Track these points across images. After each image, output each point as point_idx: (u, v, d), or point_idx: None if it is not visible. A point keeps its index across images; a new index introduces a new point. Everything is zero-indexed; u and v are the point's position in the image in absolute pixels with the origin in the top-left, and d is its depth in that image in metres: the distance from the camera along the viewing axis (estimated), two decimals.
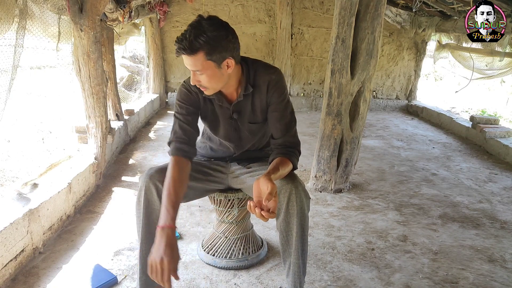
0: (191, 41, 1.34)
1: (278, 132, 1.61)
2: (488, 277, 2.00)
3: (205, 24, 1.36)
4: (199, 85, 1.47)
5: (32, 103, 5.26)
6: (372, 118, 6.00)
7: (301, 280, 1.58)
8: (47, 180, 2.44)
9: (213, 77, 1.44)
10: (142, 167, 3.49)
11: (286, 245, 1.57)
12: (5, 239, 1.75)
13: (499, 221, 2.65)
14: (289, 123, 1.61)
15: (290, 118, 1.63)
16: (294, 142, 1.61)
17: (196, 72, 1.42)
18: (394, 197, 3.01)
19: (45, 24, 2.52)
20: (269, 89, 1.58)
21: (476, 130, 4.63)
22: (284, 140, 1.60)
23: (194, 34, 1.34)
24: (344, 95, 2.82)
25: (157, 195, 1.53)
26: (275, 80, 1.57)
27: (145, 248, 1.55)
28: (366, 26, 2.69)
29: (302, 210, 1.50)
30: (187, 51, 1.36)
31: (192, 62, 1.38)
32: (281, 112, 1.60)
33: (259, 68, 1.59)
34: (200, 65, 1.39)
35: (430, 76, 10.43)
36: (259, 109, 1.64)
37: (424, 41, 6.45)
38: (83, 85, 2.80)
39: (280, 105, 1.60)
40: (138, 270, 1.58)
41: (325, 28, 6.22)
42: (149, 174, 1.55)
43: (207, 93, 1.51)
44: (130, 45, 8.17)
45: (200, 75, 1.43)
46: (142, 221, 1.55)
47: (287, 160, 1.53)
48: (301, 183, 1.54)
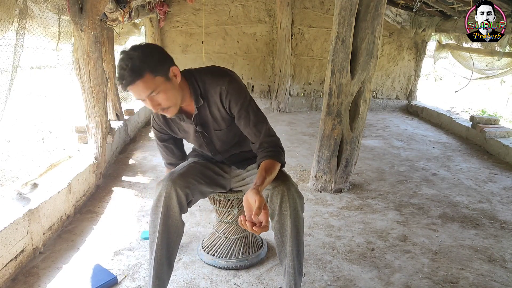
0: (131, 68, 1.31)
1: (253, 136, 1.58)
2: (488, 277, 2.01)
3: (131, 52, 1.35)
4: (161, 108, 1.44)
5: (32, 103, 5.26)
6: (372, 118, 6.00)
7: (296, 281, 1.58)
8: (47, 180, 2.44)
9: (168, 91, 1.41)
10: (142, 167, 3.49)
11: (281, 246, 1.57)
12: (5, 239, 1.75)
13: (498, 221, 2.65)
14: (258, 124, 1.56)
15: (257, 118, 1.56)
16: (272, 141, 1.58)
17: (152, 95, 1.38)
18: (394, 197, 3.02)
19: (45, 24, 2.52)
20: (222, 100, 1.53)
21: (476, 130, 4.63)
22: (261, 142, 1.57)
23: (130, 62, 1.32)
24: (344, 95, 2.82)
25: (177, 201, 1.53)
26: (225, 90, 1.50)
27: (161, 254, 1.55)
28: (366, 26, 2.69)
29: (296, 211, 1.50)
30: (134, 77, 1.32)
31: (144, 86, 1.35)
32: (245, 117, 1.55)
33: (207, 79, 1.53)
34: (152, 85, 1.36)
35: (430, 76, 10.43)
36: (220, 117, 1.60)
37: (424, 41, 6.44)
38: (83, 85, 2.80)
39: (241, 112, 1.54)
40: (151, 275, 1.56)
41: (326, 28, 6.22)
42: (172, 179, 1.53)
43: (171, 113, 1.48)
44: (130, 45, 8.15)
45: (156, 95, 1.39)
46: (159, 227, 1.53)
47: (272, 162, 1.50)
48: (294, 184, 1.54)
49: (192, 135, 1.69)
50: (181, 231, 1.61)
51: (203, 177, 1.68)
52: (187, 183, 1.57)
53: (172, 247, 1.60)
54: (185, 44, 6.35)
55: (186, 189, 1.55)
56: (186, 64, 6.43)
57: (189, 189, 1.57)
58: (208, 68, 1.59)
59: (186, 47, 6.37)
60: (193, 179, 1.62)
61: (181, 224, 1.60)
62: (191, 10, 6.19)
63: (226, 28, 6.31)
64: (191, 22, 6.25)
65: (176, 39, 6.33)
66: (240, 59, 6.43)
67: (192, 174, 1.64)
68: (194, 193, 1.61)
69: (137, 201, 2.78)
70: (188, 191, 1.57)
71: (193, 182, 1.61)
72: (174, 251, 1.62)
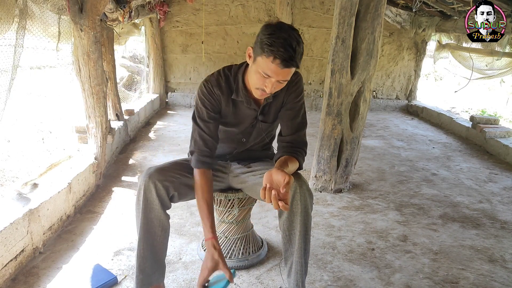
0: (301, 56, 1.34)
1: (288, 130, 1.62)
2: (488, 277, 2.00)
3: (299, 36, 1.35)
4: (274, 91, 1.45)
5: (32, 103, 5.26)
6: (372, 118, 5.99)
7: (303, 279, 1.58)
8: (47, 180, 2.44)
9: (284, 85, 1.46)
10: (142, 167, 3.49)
11: (289, 244, 1.57)
12: (5, 239, 1.75)
13: (499, 221, 2.65)
14: (300, 123, 1.64)
15: (302, 119, 1.65)
16: (302, 142, 1.63)
17: (282, 82, 1.40)
18: (394, 197, 3.01)
19: (45, 24, 2.51)
20: (288, 89, 1.60)
21: (476, 130, 4.63)
22: (292, 139, 1.61)
23: (301, 50, 1.33)
24: (344, 95, 2.82)
25: (156, 194, 1.52)
26: (294, 81, 1.59)
27: (143, 247, 1.55)
28: (366, 26, 2.69)
29: (306, 209, 1.50)
30: (295, 63, 1.34)
31: (290, 73, 1.38)
32: (295, 111, 1.62)
33: None
34: (291, 75, 1.40)
35: (430, 76, 10.43)
36: (274, 109, 1.66)
37: (424, 41, 6.45)
38: (83, 85, 2.80)
39: (295, 105, 1.62)
40: (135, 269, 1.57)
41: (325, 28, 6.22)
42: (148, 174, 1.54)
43: (264, 97, 1.52)
44: (130, 45, 8.16)
45: (281, 83, 1.41)
46: (140, 220, 1.54)
47: (294, 159, 1.53)
48: (305, 182, 1.54)
49: (245, 123, 1.68)
50: (166, 225, 1.59)
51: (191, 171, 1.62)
52: (166, 177, 1.55)
53: (158, 242, 1.58)
54: (185, 44, 6.35)
55: (165, 182, 1.53)
56: (187, 64, 6.45)
57: (169, 182, 1.54)
58: None
59: (186, 47, 6.37)
60: (175, 173, 1.59)
61: (164, 217, 1.57)
62: (191, 10, 6.19)
63: (226, 28, 6.32)
64: (191, 22, 6.25)
65: (176, 39, 6.33)
66: (240, 59, 6.42)
67: (175, 169, 1.61)
68: (177, 186, 1.57)
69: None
70: (168, 184, 1.54)
71: (175, 175, 1.58)
72: (160, 246, 1.60)
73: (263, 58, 1.34)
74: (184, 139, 4.44)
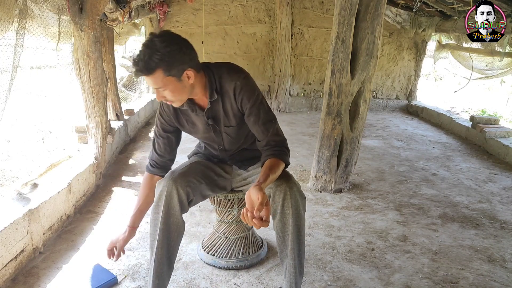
0: (147, 61, 1.35)
1: (260, 134, 1.59)
2: (488, 277, 2.01)
3: (157, 42, 1.36)
4: (165, 100, 1.49)
5: (32, 103, 5.26)
6: (372, 118, 6.00)
7: (297, 280, 1.58)
8: (47, 180, 2.44)
9: (176, 90, 1.45)
10: (142, 167, 3.49)
11: (283, 246, 1.57)
12: (5, 239, 1.75)
13: (498, 221, 2.65)
14: (267, 123, 1.58)
15: (267, 117, 1.58)
16: (279, 141, 1.59)
17: (159, 89, 1.44)
18: (394, 197, 3.02)
19: (45, 24, 2.52)
20: (236, 95, 1.56)
21: (476, 130, 4.63)
22: (268, 141, 1.58)
23: (148, 54, 1.35)
24: (344, 95, 2.82)
25: (178, 199, 1.53)
26: (239, 85, 1.54)
27: (161, 253, 1.56)
28: (366, 26, 2.69)
29: (298, 210, 1.51)
30: (145, 72, 1.37)
31: (153, 80, 1.41)
32: (255, 115, 1.57)
33: (223, 74, 1.56)
34: (160, 82, 1.41)
35: (430, 76, 10.43)
36: (231, 113, 1.62)
37: (424, 41, 6.45)
38: (83, 85, 2.80)
39: (252, 109, 1.57)
40: (151, 274, 1.57)
41: (325, 28, 6.22)
42: (173, 178, 1.54)
43: (175, 105, 1.53)
44: (130, 45, 8.16)
45: (163, 91, 1.44)
46: (159, 226, 1.54)
47: (277, 161, 1.51)
48: (296, 184, 1.54)
49: (202, 129, 1.69)
50: (182, 230, 1.62)
51: (203, 178, 1.67)
52: (188, 182, 1.57)
53: (173, 247, 1.60)
54: None
55: (187, 188, 1.55)
56: None
57: (190, 188, 1.57)
58: (225, 63, 1.62)
59: None
60: (194, 179, 1.61)
61: (182, 223, 1.60)
62: (191, 10, 6.19)
63: (226, 28, 6.31)
64: (191, 22, 6.25)
65: None
66: (239, 59, 6.42)
67: (193, 174, 1.64)
68: (195, 192, 1.61)
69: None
70: (189, 190, 1.57)
71: (194, 181, 1.61)
72: (174, 251, 1.62)
73: None
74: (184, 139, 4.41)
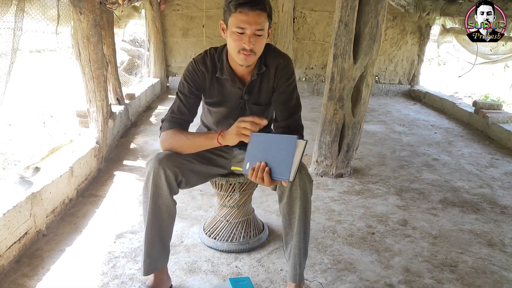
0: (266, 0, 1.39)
1: (283, 115, 1.61)
2: (487, 261, 2.03)
3: None
4: (250, 50, 1.45)
5: (33, 87, 5.24)
6: (374, 103, 5.96)
7: (301, 263, 1.59)
8: (49, 164, 2.45)
9: (264, 40, 1.48)
10: (143, 152, 3.50)
11: (289, 228, 1.58)
12: (9, 222, 1.77)
13: (499, 206, 2.66)
14: (294, 107, 1.63)
15: (297, 101, 1.64)
16: (299, 125, 1.63)
17: (257, 33, 1.42)
18: (395, 182, 3.02)
19: (44, 6, 2.48)
20: (277, 73, 1.60)
21: (478, 115, 4.61)
22: (288, 123, 1.60)
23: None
24: (346, 80, 2.80)
25: (165, 180, 1.52)
26: (283, 64, 1.60)
27: (151, 233, 1.57)
28: (370, 10, 2.64)
29: (305, 193, 1.51)
30: (263, 7, 1.39)
31: (261, 19, 1.41)
32: (287, 95, 1.61)
33: (269, 51, 1.62)
34: (265, 25, 1.43)
35: (434, 60, 10.32)
36: (265, 92, 1.65)
37: (428, 25, 6.35)
38: (83, 69, 2.78)
39: (287, 88, 1.62)
40: (142, 253, 1.59)
41: (328, 11, 6.13)
42: (158, 159, 1.53)
43: (250, 61, 1.51)
44: (130, 29, 8.07)
45: (258, 36, 1.44)
46: (149, 206, 1.55)
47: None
48: (304, 167, 1.54)
49: (231, 102, 1.68)
50: (173, 211, 1.61)
51: (196, 157, 1.63)
52: (175, 162, 1.54)
53: (165, 227, 1.60)
54: (185, 27, 6.27)
55: (174, 168, 1.53)
56: (187, 48, 6.39)
57: (177, 168, 1.54)
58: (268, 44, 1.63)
59: (187, 31, 6.29)
60: (182, 159, 1.58)
61: (172, 203, 1.59)
62: None
63: None
64: (192, 5, 6.16)
65: (176, 23, 6.24)
66: None
67: (182, 154, 1.61)
68: (184, 172, 1.58)
69: (138, 185, 2.79)
70: (177, 170, 1.54)
71: (182, 161, 1.58)
72: (167, 232, 1.63)
73: (231, 16, 1.42)
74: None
